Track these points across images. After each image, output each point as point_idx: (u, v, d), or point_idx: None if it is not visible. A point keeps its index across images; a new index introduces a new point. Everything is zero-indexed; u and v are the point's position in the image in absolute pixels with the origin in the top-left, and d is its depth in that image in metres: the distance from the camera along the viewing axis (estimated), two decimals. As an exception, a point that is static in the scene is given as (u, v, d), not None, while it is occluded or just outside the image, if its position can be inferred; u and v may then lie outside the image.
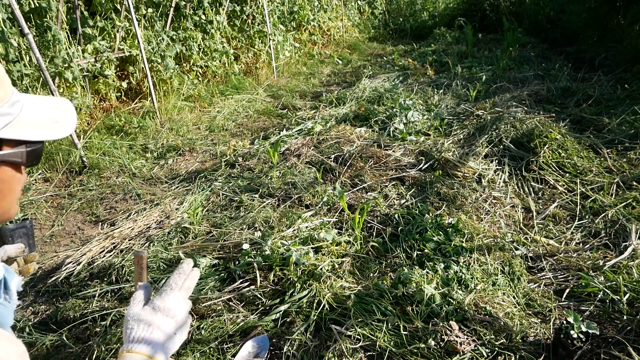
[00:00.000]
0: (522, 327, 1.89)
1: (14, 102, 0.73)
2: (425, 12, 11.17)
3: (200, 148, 4.23)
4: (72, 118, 0.87)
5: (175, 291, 0.98)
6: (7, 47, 3.47)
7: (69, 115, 0.86)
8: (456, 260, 2.27)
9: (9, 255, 1.10)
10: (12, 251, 1.11)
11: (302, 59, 7.97)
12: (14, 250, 1.11)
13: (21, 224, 1.16)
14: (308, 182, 3.27)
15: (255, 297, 2.14)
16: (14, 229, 1.14)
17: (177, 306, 0.96)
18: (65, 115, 0.86)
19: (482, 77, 5.79)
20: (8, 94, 0.72)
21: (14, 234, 1.13)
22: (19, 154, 0.74)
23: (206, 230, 2.78)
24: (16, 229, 1.14)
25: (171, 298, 0.97)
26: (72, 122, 0.86)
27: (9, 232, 1.14)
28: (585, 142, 3.67)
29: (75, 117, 0.88)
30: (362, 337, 1.85)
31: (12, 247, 1.11)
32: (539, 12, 9.07)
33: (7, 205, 0.77)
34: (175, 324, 0.94)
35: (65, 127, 0.84)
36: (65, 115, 0.85)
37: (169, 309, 0.95)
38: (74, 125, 0.87)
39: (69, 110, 0.88)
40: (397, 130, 4.16)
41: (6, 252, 1.10)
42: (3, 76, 0.71)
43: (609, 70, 5.76)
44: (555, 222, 2.78)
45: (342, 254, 2.44)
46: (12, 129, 0.72)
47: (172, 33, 5.25)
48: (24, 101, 0.77)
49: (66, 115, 0.86)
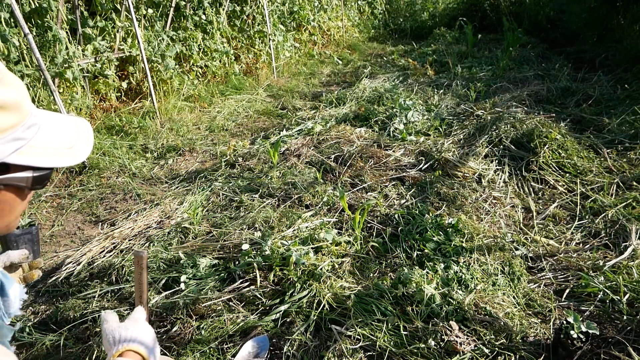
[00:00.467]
0: (522, 327, 1.89)
1: (29, 126, 0.70)
2: (425, 12, 11.17)
3: (200, 148, 4.23)
4: (87, 144, 0.84)
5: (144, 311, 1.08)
6: (8, 47, 3.47)
7: (85, 140, 0.84)
8: (456, 260, 2.27)
9: (12, 262, 1.08)
10: (16, 257, 1.09)
11: (302, 59, 7.97)
12: (17, 256, 1.09)
13: (27, 229, 1.14)
14: (308, 182, 3.27)
15: (255, 297, 2.14)
16: (19, 234, 1.13)
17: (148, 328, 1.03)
18: (81, 141, 0.82)
19: (482, 77, 5.80)
20: (24, 117, 0.69)
21: (19, 240, 1.12)
22: (24, 179, 0.71)
23: (206, 230, 2.78)
24: (21, 235, 1.12)
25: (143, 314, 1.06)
26: (87, 148, 0.83)
27: (13, 238, 1.12)
28: (585, 142, 3.67)
29: (92, 141, 0.86)
30: (362, 337, 1.85)
31: (15, 253, 1.09)
32: (539, 12, 9.07)
33: (5, 223, 0.76)
34: (153, 336, 1.01)
35: (79, 154, 0.80)
36: (81, 140, 0.82)
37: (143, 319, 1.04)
38: (89, 151, 0.84)
39: (86, 134, 0.85)
40: (397, 131, 4.16)
41: (9, 257, 1.08)
42: (20, 98, 0.68)
43: (609, 70, 5.76)
44: (555, 222, 2.78)
45: (342, 254, 2.44)
46: (22, 154, 0.69)
47: (172, 33, 5.25)
48: (41, 123, 0.74)
49: (82, 141, 0.83)
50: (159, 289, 2.24)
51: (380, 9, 11.64)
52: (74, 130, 0.82)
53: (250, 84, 6.23)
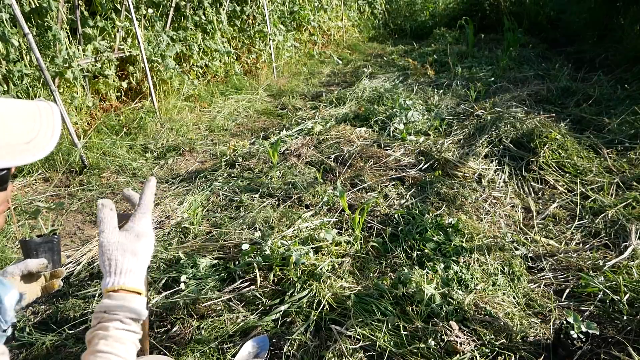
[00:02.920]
0: (522, 327, 1.89)
1: None
2: (425, 12, 11.17)
3: (200, 148, 4.23)
4: (52, 134, 0.73)
5: (149, 214, 0.91)
6: (8, 47, 3.47)
7: (49, 130, 0.72)
8: (456, 260, 2.27)
9: (30, 270, 1.04)
10: (34, 266, 1.04)
11: (302, 59, 7.97)
12: (35, 265, 1.04)
13: (48, 238, 1.11)
14: (308, 182, 3.27)
15: (255, 297, 2.14)
16: (39, 243, 1.09)
17: (150, 228, 0.90)
18: (43, 132, 0.71)
19: (482, 77, 5.80)
20: None
21: (39, 249, 1.08)
22: None
23: (206, 230, 2.78)
24: (42, 244, 1.09)
25: (148, 221, 0.90)
26: (51, 141, 0.72)
27: (33, 246, 1.08)
28: (585, 142, 3.67)
29: (58, 130, 0.74)
30: (362, 337, 1.85)
31: (34, 262, 1.05)
32: (539, 12, 9.07)
33: None
34: (152, 246, 0.90)
35: (39, 149, 0.69)
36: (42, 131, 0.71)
37: (147, 233, 0.89)
38: (53, 144, 0.73)
39: (50, 122, 0.73)
40: (397, 130, 4.16)
41: (27, 266, 1.03)
42: None
43: (609, 70, 5.76)
44: (555, 222, 2.78)
45: (342, 254, 2.44)
46: None
47: (172, 33, 5.25)
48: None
49: (43, 132, 0.71)
50: (159, 289, 2.24)
51: (380, 9, 11.63)
52: (35, 118, 0.72)
53: (251, 84, 6.23)
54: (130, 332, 0.83)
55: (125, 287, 0.83)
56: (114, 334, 0.80)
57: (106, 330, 0.80)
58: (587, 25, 7.83)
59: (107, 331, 0.80)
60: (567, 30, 8.50)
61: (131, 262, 0.84)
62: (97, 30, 4.43)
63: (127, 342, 0.81)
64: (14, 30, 3.51)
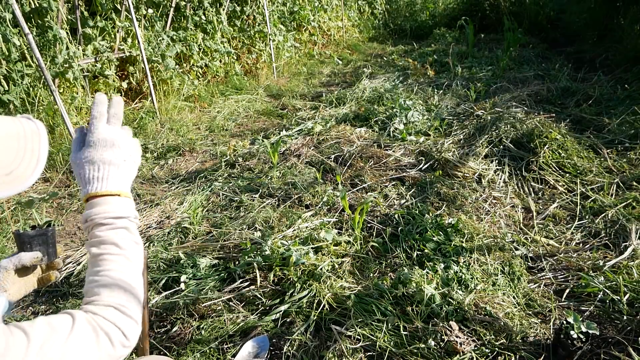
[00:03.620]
0: (522, 327, 1.89)
1: None
2: (425, 12, 11.18)
3: (200, 148, 4.23)
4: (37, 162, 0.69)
5: (100, 120, 0.89)
6: (9, 47, 3.47)
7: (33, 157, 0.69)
8: (456, 261, 2.27)
9: (23, 264, 1.02)
10: (27, 260, 1.03)
11: (302, 59, 7.97)
12: (29, 258, 1.03)
13: (42, 230, 1.09)
14: (308, 182, 3.27)
15: (255, 297, 2.14)
16: (33, 235, 1.08)
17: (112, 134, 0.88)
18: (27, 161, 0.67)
19: (482, 77, 5.79)
20: None
21: (33, 241, 1.07)
22: None
23: (206, 230, 2.78)
24: (35, 236, 1.07)
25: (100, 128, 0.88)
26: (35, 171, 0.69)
27: (27, 239, 1.07)
28: (585, 142, 3.67)
29: (44, 156, 0.70)
30: (362, 337, 1.85)
31: (27, 255, 1.03)
32: (539, 12, 9.07)
33: None
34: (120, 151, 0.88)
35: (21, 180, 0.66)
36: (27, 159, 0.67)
37: (105, 139, 0.87)
38: (38, 174, 0.69)
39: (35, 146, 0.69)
40: (397, 131, 4.16)
41: (21, 260, 1.02)
42: None
43: (609, 70, 5.76)
44: (555, 222, 2.78)
45: (342, 254, 2.44)
46: None
47: (172, 33, 5.25)
48: None
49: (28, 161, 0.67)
50: (159, 289, 2.24)
51: (380, 9, 11.64)
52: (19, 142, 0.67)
53: (251, 84, 6.23)
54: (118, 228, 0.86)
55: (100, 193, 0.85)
56: (101, 236, 0.84)
57: (94, 237, 0.85)
58: (587, 25, 7.83)
59: (95, 238, 0.85)
60: (567, 30, 8.50)
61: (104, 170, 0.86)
62: (97, 30, 4.43)
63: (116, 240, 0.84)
64: (14, 31, 3.51)
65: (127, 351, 0.78)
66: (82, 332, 0.72)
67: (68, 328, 0.71)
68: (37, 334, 0.66)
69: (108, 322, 0.76)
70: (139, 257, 0.88)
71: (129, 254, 0.86)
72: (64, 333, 0.70)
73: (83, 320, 0.73)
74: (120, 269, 0.83)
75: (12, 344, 0.63)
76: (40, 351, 0.65)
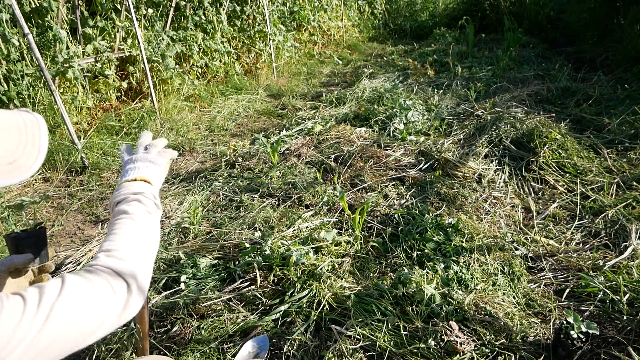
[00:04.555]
0: (522, 327, 1.89)
1: None
2: (425, 12, 11.18)
3: (200, 148, 4.23)
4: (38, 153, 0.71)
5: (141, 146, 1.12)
6: (8, 47, 3.47)
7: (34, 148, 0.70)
8: (456, 260, 2.27)
9: (15, 266, 1.02)
10: (19, 262, 1.03)
11: (302, 59, 7.97)
12: (21, 261, 1.03)
13: (33, 232, 1.09)
14: (308, 182, 3.27)
15: (255, 297, 2.14)
16: (24, 237, 1.08)
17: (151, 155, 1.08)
18: (29, 152, 0.69)
19: (482, 77, 5.79)
20: None
21: (24, 243, 1.07)
22: None
23: (206, 230, 2.78)
24: (26, 238, 1.07)
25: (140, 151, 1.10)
26: (37, 160, 0.71)
27: (19, 241, 1.07)
28: (585, 142, 3.67)
29: (45, 147, 0.72)
30: (362, 337, 1.85)
31: (19, 258, 1.03)
32: (539, 12, 9.07)
33: None
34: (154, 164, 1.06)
35: (24, 169, 0.68)
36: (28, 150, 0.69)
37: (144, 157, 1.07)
38: (39, 163, 0.71)
39: (35, 139, 0.71)
40: (397, 130, 4.16)
41: (13, 262, 1.02)
42: None
43: (609, 70, 5.76)
44: (555, 222, 2.78)
45: (342, 254, 2.44)
46: None
47: (172, 33, 5.25)
48: None
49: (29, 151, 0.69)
50: (159, 289, 2.24)
51: (380, 9, 11.64)
52: (20, 134, 0.69)
53: (251, 84, 6.23)
54: (130, 201, 0.93)
55: (127, 179, 0.99)
56: (115, 211, 0.93)
57: (116, 214, 0.92)
58: (587, 25, 7.83)
59: (116, 214, 0.92)
60: (567, 30, 8.50)
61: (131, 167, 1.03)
62: (97, 30, 4.43)
63: (127, 208, 0.91)
64: (14, 30, 3.51)
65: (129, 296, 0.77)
66: (76, 285, 0.71)
67: (58, 286, 0.70)
68: (32, 296, 0.66)
69: (99, 267, 0.77)
70: (147, 220, 0.92)
71: (136, 217, 0.90)
72: (57, 291, 0.69)
73: (73, 277, 0.73)
74: (123, 228, 0.87)
75: (7, 306, 0.62)
76: (38, 311, 0.64)
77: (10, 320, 0.61)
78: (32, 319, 0.63)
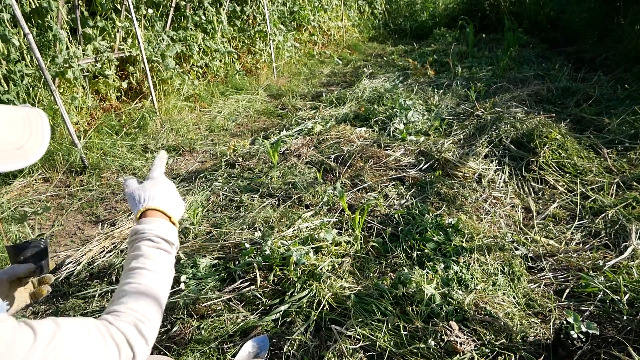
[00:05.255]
0: (522, 327, 1.89)
1: None
2: (425, 12, 11.17)
3: (200, 148, 4.23)
4: (42, 140, 0.75)
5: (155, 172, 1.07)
6: (8, 47, 3.47)
7: (39, 136, 0.75)
8: (456, 260, 2.27)
9: (17, 276, 1.04)
10: (21, 272, 1.04)
11: (302, 59, 7.97)
12: (22, 271, 1.04)
13: (35, 243, 1.10)
14: (308, 182, 3.27)
15: (255, 297, 2.14)
16: (25, 248, 1.09)
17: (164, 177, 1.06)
18: (33, 138, 0.74)
19: (482, 77, 5.79)
20: None
21: (26, 254, 1.08)
22: None
23: (206, 230, 2.78)
24: (28, 249, 1.09)
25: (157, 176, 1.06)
26: (41, 146, 0.75)
27: (20, 252, 1.08)
28: (586, 142, 3.67)
29: (48, 137, 0.77)
30: (362, 337, 1.85)
31: (21, 268, 1.05)
32: (539, 12, 9.06)
33: None
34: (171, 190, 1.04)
35: (30, 154, 0.72)
36: (32, 137, 0.74)
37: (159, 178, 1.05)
38: (44, 149, 0.76)
39: (39, 128, 0.76)
40: (397, 130, 4.16)
41: (15, 272, 1.03)
42: None
43: (609, 70, 5.75)
44: (555, 222, 2.78)
45: (342, 254, 2.44)
46: None
47: (172, 33, 5.25)
48: None
49: (34, 138, 0.74)
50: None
51: (380, 9, 11.64)
52: (25, 124, 0.74)
53: (251, 84, 6.23)
54: (161, 250, 0.91)
55: (150, 207, 0.95)
56: (144, 251, 0.88)
57: (137, 250, 0.89)
58: (587, 25, 7.83)
59: (139, 251, 0.89)
60: (567, 30, 8.50)
61: (152, 193, 0.99)
62: (97, 30, 4.43)
63: (157, 259, 0.89)
64: (14, 31, 3.51)
65: None
66: (90, 336, 0.72)
67: (76, 329, 0.71)
68: (45, 332, 0.67)
69: (121, 334, 0.77)
70: (168, 283, 0.92)
71: (163, 275, 0.89)
72: (71, 334, 0.70)
73: (93, 326, 0.74)
74: (151, 285, 0.85)
75: (19, 337, 0.64)
76: (46, 349, 0.66)
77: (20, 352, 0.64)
78: None
